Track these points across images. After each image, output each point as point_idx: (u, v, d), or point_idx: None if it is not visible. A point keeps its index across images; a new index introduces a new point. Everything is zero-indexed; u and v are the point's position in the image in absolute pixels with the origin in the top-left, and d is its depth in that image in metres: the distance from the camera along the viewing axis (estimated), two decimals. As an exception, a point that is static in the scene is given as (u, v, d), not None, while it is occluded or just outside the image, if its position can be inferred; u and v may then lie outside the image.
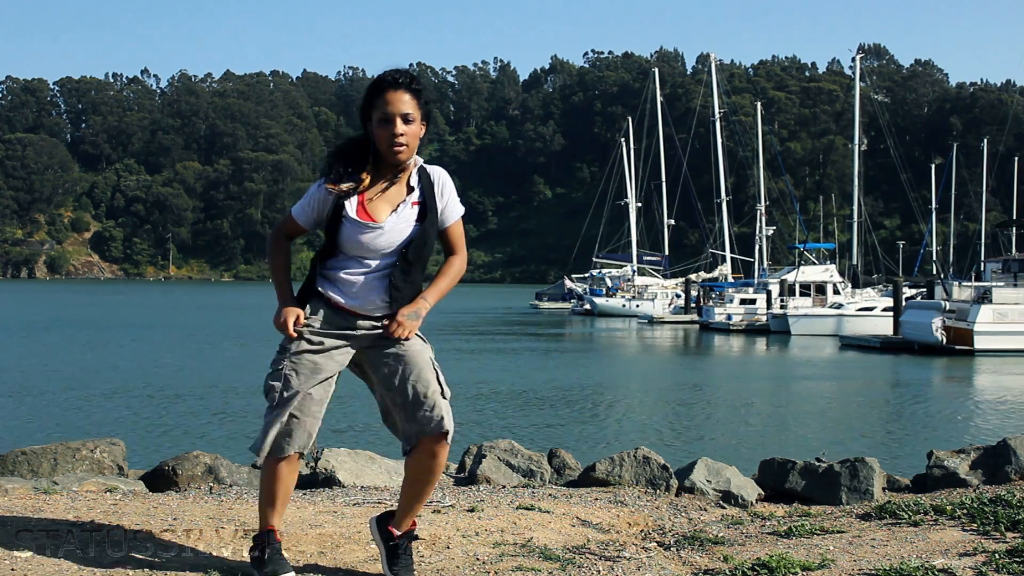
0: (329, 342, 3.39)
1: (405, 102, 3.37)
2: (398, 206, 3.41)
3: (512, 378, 24.35)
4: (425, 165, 3.51)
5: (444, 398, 3.38)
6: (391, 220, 3.38)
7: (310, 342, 3.38)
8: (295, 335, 3.36)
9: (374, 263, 3.39)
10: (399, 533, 3.48)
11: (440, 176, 3.52)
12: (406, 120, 3.36)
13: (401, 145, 3.35)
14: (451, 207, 3.52)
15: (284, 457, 3.35)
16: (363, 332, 3.41)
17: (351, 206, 3.38)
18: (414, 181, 3.45)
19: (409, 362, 3.39)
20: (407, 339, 3.39)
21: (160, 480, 5.59)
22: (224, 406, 18.55)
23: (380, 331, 3.40)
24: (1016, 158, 77.63)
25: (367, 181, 3.41)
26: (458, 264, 3.55)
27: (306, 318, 3.39)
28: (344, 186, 3.38)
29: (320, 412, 3.39)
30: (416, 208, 3.42)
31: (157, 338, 36.49)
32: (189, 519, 4.22)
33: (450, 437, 3.39)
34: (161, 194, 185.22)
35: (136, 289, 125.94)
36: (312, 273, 3.47)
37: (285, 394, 3.33)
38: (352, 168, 3.42)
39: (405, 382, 3.37)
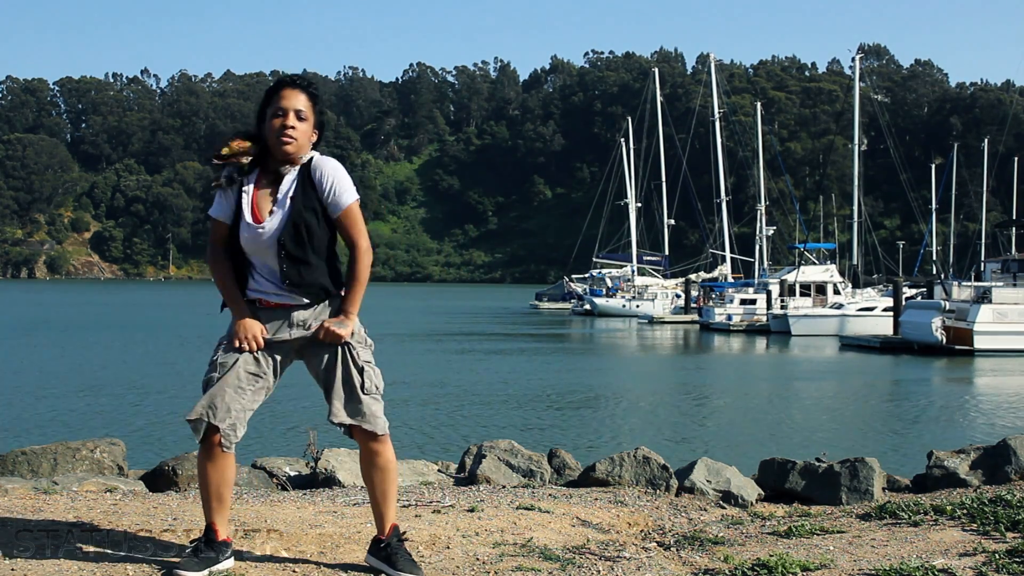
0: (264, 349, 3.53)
1: (300, 100, 3.49)
2: (275, 203, 3.50)
3: (512, 378, 24.34)
4: (314, 156, 3.56)
5: (365, 394, 3.50)
6: (269, 219, 3.48)
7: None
8: (262, 346, 3.49)
9: (266, 258, 3.50)
10: (383, 537, 3.57)
11: (323, 166, 3.53)
12: (299, 116, 3.47)
13: (290, 138, 3.45)
14: (338, 195, 3.50)
15: (211, 446, 3.43)
16: (296, 337, 3.53)
17: (246, 200, 3.51)
18: (294, 176, 3.52)
19: (334, 363, 3.51)
20: (338, 342, 3.51)
21: (160, 480, 5.59)
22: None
23: (310, 336, 3.52)
24: (1016, 158, 77.54)
25: (237, 147, 3.51)
26: (360, 261, 3.55)
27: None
28: (223, 177, 3.51)
29: (245, 393, 3.46)
30: (291, 202, 3.49)
31: (157, 338, 36.50)
32: (189, 519, 4.22)
33: (380, 432, 3.51)
34: (161, 194, 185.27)
35: (136, 289, 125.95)
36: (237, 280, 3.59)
37: (215, 375, 3.47)
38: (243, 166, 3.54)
39: (332, 380, 3.50)
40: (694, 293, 57.18)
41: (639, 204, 72.39)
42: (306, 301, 3.51)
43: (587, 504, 5.08)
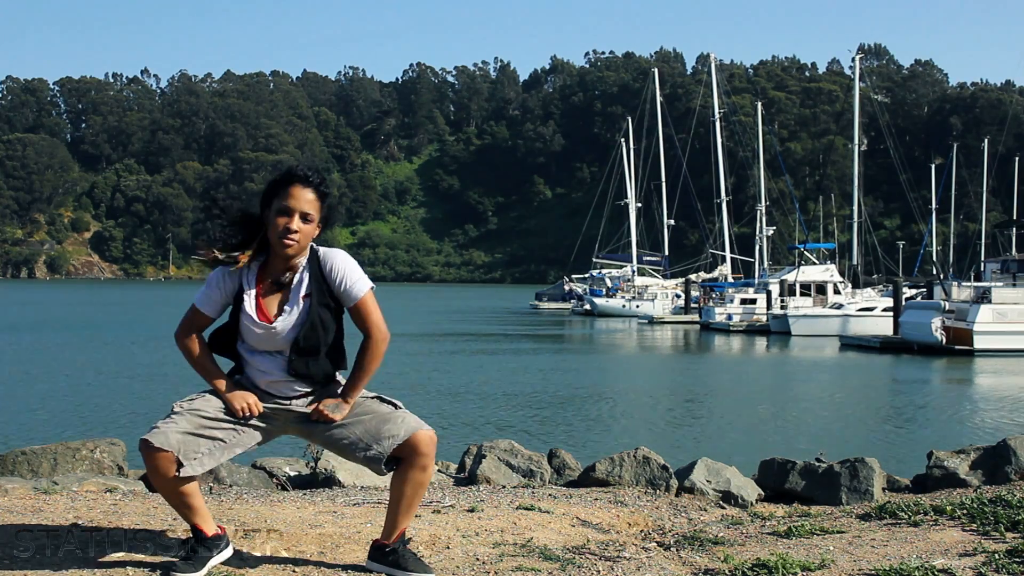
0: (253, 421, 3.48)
1: (309, 201, 3.41)
2: (286, 302, 3.45)
3: (512, 378, 24.34)
4: (320, 249, 3.50)
5: (399, 408, 3.53)
6: (281, 320, 3.43)
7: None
8: (259, 411, 3.45)
9: (275, 355, 3.47)
10: (390, 543, 3.52)
11: (332, 259, 3.48)
12: (305, 219, 3.41)
13: (292, 241, 3.39)
14: (350, 286, 3.46)
15: (158, 450, 3.30)
16: (292, 410, 3.50)
17: (250, 302, 3.45)
18: (303, 273, 3.47)
19: (348, 422, 3.48)
20: (329, 424, 3.49)
21: (160, 480, 5.57)
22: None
23: (306, 412, 3.49)
24: (1016, 158, 77.48)
25: (244, 261, 3.44)
26: (371, 349, 3.50)
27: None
28: (221, 255, 3.44)
29: (212, 434, 3.38)
30: (305, 301, 3.44)
31: (157, 338, 36.46)
32: (189, 519, 4.21)
33: (428, 437, 3.46)
34: (161, 194, 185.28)
35: (136, 289, 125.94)
36: (233, 357, 3.56)
37: (186, 404, 3.45)
38: (238, 242, 3.46)
39: (355, 430, 3.46)
40: (694, 293, 57.19)
41: (639, 204, 72.41)
42: (307, 390, 3.51)
43: (587, 504, 5.08)
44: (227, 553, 3.49)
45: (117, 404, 18.55)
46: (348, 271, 3.46)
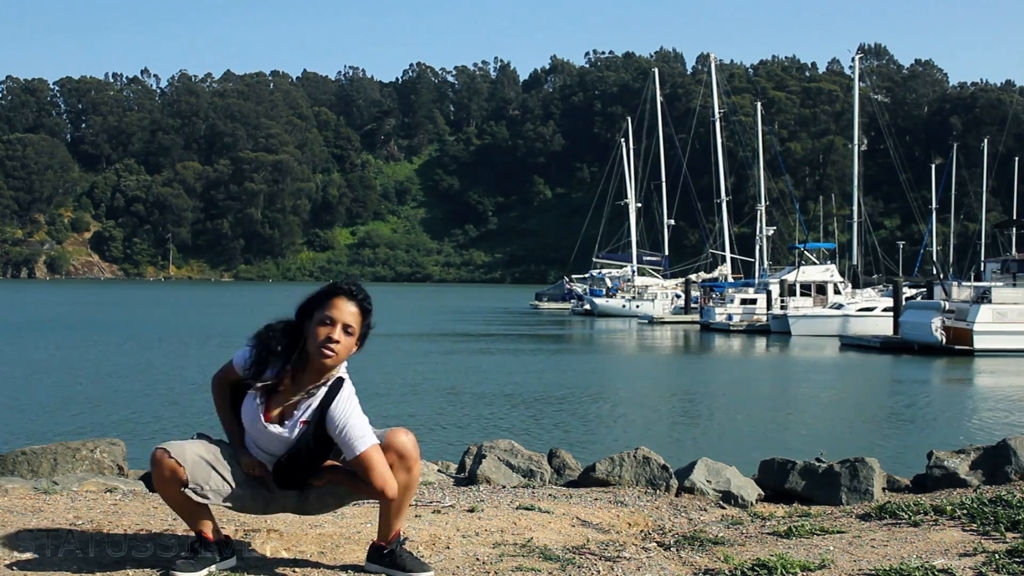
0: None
1: (352, 314, 3.44)
2: (288, 418, 3.44)
3: (512, 378, 24.33)
4: (343, 384, 3.45)
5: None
6: (274, 429, 3.44)
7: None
8: (263, 474, 3.50)
9: (262, 452, 3.51)
10: (386, 544, 3.54)
11: (339, 409, 3.41)
12: (346, 330, 3.42)
13: (331, 352, 3.39)
14: (350, 442, 3.39)
15: (171, 460, 3.33)
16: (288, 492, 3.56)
17: (260, 399, 3.46)
18: (314, 398, 3.44)
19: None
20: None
21: (160, 480, 5.57)
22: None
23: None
24: (1016, 158, 77.52)
25: (285, 382, 3.45)
26: (373, 495, 3.47)
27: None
28: (260, 385, 3.46)
29: (224, 473, 3.41)
30: (301, 428, 3.43)
31: (158, 337, 36.51)
32: (189, 519, 4.21)
33: (407, 439, 3.49)
34: (161, 194, 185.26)
35: (136, 289, 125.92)
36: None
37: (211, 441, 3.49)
38: (277, 354, 3.45)
39: (338, 475, 3.53)
40: (694, 293, 57.20)
41: (639, 204, 72.43)
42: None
43: (587, 504, 5.08)
44: (229, 563, 3.49)
45: (117, 404, 18.55)
46: (349, 427, 3.39)
